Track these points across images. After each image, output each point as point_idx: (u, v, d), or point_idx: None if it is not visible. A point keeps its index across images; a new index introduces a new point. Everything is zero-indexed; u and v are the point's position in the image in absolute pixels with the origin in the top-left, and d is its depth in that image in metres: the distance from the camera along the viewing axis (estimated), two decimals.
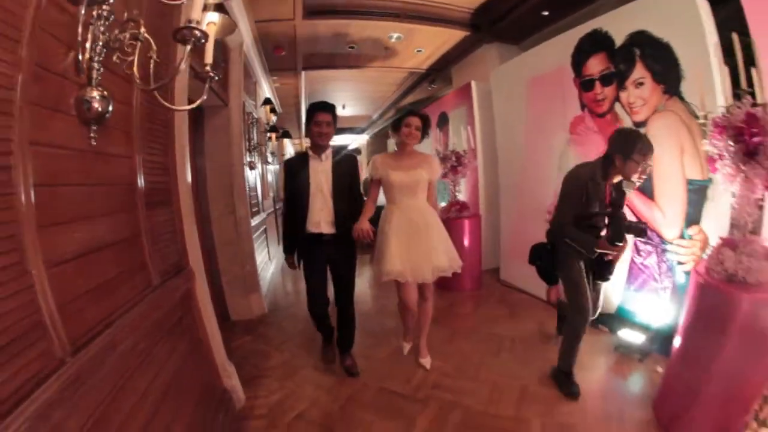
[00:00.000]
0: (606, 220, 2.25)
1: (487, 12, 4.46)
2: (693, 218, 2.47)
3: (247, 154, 3.89)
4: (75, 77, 1.09)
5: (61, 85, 1.05)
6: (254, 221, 4.01)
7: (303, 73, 5.84)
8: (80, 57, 1.07)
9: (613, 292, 3.03)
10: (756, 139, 1.55)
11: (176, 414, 1.48)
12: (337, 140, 9.96)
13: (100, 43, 1.09)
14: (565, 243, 2.25)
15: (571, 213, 2.21)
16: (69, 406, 0.92)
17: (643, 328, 2.69)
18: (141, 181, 1.46)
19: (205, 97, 1.26)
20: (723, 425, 1.79)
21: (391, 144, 10.74)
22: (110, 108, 1.16)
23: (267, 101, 4.94)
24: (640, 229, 2.19)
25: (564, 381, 2.33)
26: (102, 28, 1.09)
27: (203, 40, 1.04)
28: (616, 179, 2.15)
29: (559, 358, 2.41)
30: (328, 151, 2.55)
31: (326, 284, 2.61)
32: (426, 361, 2.70)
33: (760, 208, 1.85)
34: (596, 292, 2.39)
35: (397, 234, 2.45)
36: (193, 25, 1.02)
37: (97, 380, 1.03)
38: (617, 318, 2.97)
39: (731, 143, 1.62)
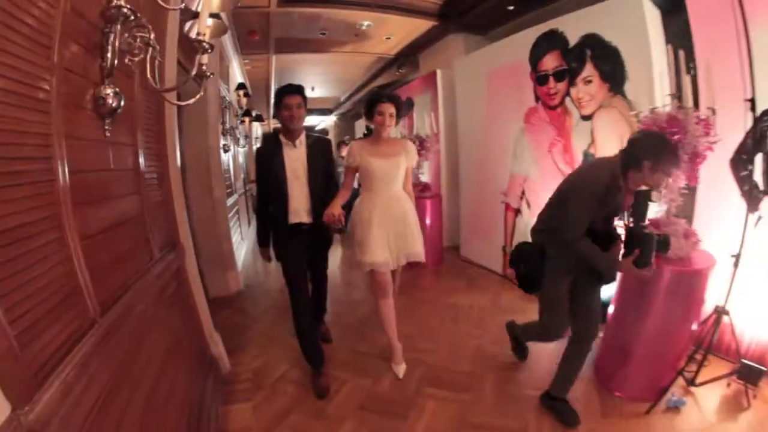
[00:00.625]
0: (621, 235, 1.99)
1: (455, 4, 4.66)
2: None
3: (222, 137, 4.00)
4: (92, 77, 1.24)
5: (81, 84, 1.20)
6: (229, 201, 4.15)
7: (274, 56, 5.91)
8: (101, 60, 1.22)
9: None
10: (676, 137, 1.87)
11: (177, 372, 1.68)
12: (305, 121, 9.93)
13: (116, 48, 1.24)
14: (560, 253, 2.02)
15: (585, 222, 1.86)
16: (101, 359, 1.09)
17: None
18: (143, 166, 1.62)
19: (202, 94, 1.44)
20: (652, 380, 2.17)
21: (360, 125, 10.89)
22: (122, 103, 1.32)
23: (241, 86, 5.01)
24: (666, 243, 1.98)
25: (560, 408, 2.12)
26: (117, 34, 1.24)
27: (210, 51, 1.21)
28: (641, 187, 1.88)
29: (553, 382, 2.18)
30: (302, 136, 2.40)
31: (307, 275, 2.50)
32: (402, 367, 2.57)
33: (682, 194, 2.19)
34: (597, 299, 2.10)
35: (379, 223, 2.38)
36: (202, 38, 1.20)
37: (120, 338, 1.21)
38: None
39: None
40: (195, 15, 1.35)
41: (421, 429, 2.05)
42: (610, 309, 2.41)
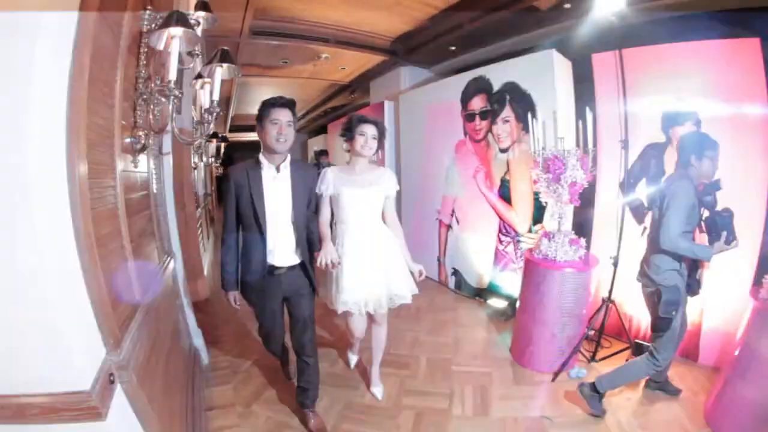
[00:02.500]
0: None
1: (404, 41, 5.28)
2: (537, 219, 3.50)
3: (193, 156, 4.37)
4: (129, 123, 1.67)
5: (126, 129, 1.63)
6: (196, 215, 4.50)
7: (237, 78, 6.32)
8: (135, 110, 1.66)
9: (486, 271, 4.05)
10: (557, 171, 2.53)
11: (178, 354, 2.10)
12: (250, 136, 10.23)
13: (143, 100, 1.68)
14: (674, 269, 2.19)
15: (681, 226, 2.09)
16: (145, 329, 1.51)
17: (506, 296, 3.71)
18: (153, 188, 2.05)
19: (210, 130, 1.91)
20: (554, 356, 2.78)
21: (316, 142, 11.29)
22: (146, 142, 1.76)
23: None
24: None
25: (596, 400, 2.36)
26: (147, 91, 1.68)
27: (218, 113, 1.69)
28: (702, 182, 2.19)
29: (605, 377, 2.37)
30: (287, 161, 2.03)
31: (283, 324, 2.25)
32: (378, 390, 2.57)
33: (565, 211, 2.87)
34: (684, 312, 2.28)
35: (353, 259, 2.20)
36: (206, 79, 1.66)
37: (151, 318, 1.63)
38: (488, 291, 4.00)
39: (542, 173, 2.60)
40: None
41: (370, 395, 2.56)
42: (518, 302, 3.06)
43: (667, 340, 2.24)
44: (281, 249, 2.05)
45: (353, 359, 2.87)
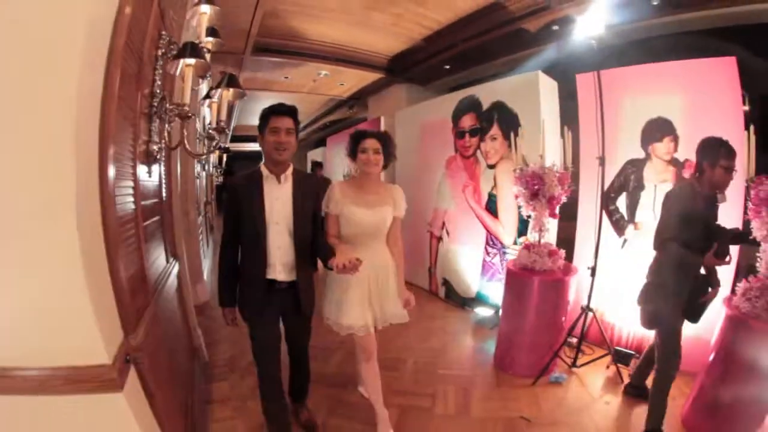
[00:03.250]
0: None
1: (401, 60, 5.56)
2: (522, 231, 3.68)
3: (196, 165, 4.57)
4: (145, 135, 1.85)
5: (145, 141, 1.81)
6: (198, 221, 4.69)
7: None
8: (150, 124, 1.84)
9: (474, 281, 4.22)
10: (536, 187, 2.72)
11: (181, 350, 2.26)
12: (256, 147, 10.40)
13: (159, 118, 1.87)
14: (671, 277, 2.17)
15: (668, 231, 2.11)
16: (155, 322, 1.68)
17: (493, 306, 3.88)
18: (163, 195, 2.23)
19: (220, 146, 2.10)
20: (535, 361, 2.91)
21: (314, 154, 11.52)
22: (159, 155, 1.94)
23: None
24: (745, 236, 2.20)
25: None
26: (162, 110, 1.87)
27: (223, 134, 1.87)
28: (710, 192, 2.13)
29: (649, 414, 2.29)
30: (289, 171, 1.98)
31: (280, 346, 2.08)
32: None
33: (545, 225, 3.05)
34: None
35: (360, 282, 2.09)
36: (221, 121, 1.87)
37: (160, 312, 1.80)
38: (476, 300, 4.17)
39: (523, 189, 2.79)
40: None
41: (358, 394, 2.71)
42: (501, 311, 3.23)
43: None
44: (282, 264, 1.97)
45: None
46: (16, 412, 1.15)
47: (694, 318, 2.22)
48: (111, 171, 1.19)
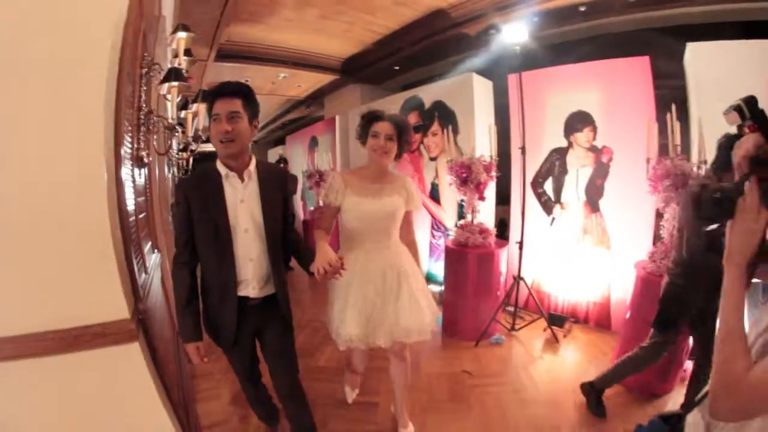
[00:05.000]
0: None
1: (354, 62, 5.97)
2: (461, 215, 4.16)
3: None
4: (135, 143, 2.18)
5: (137, 148, 2.13)
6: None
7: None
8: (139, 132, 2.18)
9: (423, 262, 4.69)
10: (464, 175, 3.21)
11: (170, 330, 2.60)
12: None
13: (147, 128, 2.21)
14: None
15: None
16: (153, 296, 2.03)
17: (440, 283, 4.36)
18: (149, 195, 2.55)
19: (196, 150, 2.44)
20: (476, 327, 3.38)
21: (273, 154, 11.73)
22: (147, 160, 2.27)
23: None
24: None
25: (595, 400, 2.42)
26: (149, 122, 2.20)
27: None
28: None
29: (605, 375, 2.41)
30: (252, 166, 1.63)
31: (258, 369, 1.89)
32: (409, 430, 2.22)
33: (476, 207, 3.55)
34: None
35: (361, 284, 1.83)
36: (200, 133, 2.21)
37: (155, 291, 2.14)
38: (426, 279, 4.60)
39: (454, 177, 3.27)
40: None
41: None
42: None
43: None
44: (256, 279, 1.66)
45: (351, 394, 2.53)
46: (49, 372, 1.48)
47: None
48: (123, 172, 1.55)
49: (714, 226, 0.89)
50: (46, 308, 1.45)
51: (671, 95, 3.12)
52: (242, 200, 1.62)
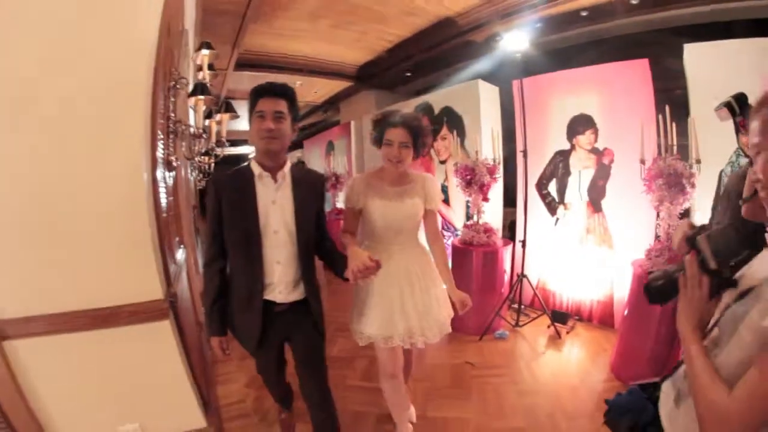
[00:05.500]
0: None
1: (367, 69, 6.21)
2: (469, 216, 4.34)
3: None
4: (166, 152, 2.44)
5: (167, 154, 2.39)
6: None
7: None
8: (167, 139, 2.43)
9: None
10: (468, 177, 3.39)
11: (193, 319, 2.85)
12: (237, 150, 10.90)
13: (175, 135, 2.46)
14: None
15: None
16: (180, 285, 2.28)
17: None
18: (183, 196, 2.81)
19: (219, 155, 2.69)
20: (480, 323, 3.55)
21: (292, 157, 12.06)
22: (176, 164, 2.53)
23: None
24: None
25: None
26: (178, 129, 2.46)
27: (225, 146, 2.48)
28: None
29: None
30: (286, 167, 1.65)
31: (284, 373, 1.92)
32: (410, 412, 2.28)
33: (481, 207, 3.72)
34: None
35: (384, 285, 1.83)
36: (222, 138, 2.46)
37: (182, 281, 2.40)
38: None
39: (460, 179, 3.45)
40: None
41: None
42: None
43: None
44: (284, 282, 1.64)
45: (405, 416, 2.22)
46: (91, 345, 1.76)
47: None
48: (158, 173, 1.80)
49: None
50: (91, 289, 1.71)
51: (671, 96, 3.20)
52: (274, 201, 1.61)
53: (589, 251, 3.82)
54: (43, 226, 1.62)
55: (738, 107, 1.24)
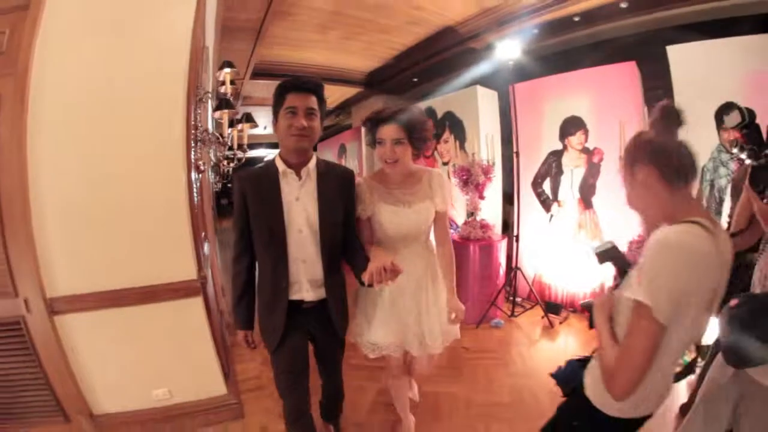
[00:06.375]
0: None
1: (376, 75, 6.54)
2: (469, 213, 4.64)
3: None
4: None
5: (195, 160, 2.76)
6: None
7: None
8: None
9: None
10: (464, 177, 3.69)
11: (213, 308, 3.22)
12: (254, 153, 11.19)
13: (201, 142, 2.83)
14: None
15: None
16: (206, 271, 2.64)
17: None
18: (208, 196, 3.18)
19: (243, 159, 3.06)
20: (477, 312, 3.83)
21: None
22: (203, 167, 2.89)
23: None
24: None
25: None
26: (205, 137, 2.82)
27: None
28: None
29: None
30: (312, 163, 1.58)
31: (308, 376, 1.73)
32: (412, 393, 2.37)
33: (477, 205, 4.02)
34: None
35: (392, 292, 1.74)
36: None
37: (208, 268, 2.76)
38: None
39: (457, 179, 3.76)
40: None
41: None
42: None
43: None
44: (308, 281, 1.61)
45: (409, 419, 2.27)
46: (133, 319, 2.13)
47: None
48: (192, 175, 2.16)
49: None
50: (138, 270, 2.09)
51: (657, 96, 3.41)
52: (297, 198, 1.56)
53: (582, 246, 4.05)
54: (99, 218, 2.02)
55: (748, 117, 1.40)
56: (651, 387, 1.08)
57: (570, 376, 1.37)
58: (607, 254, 1.29)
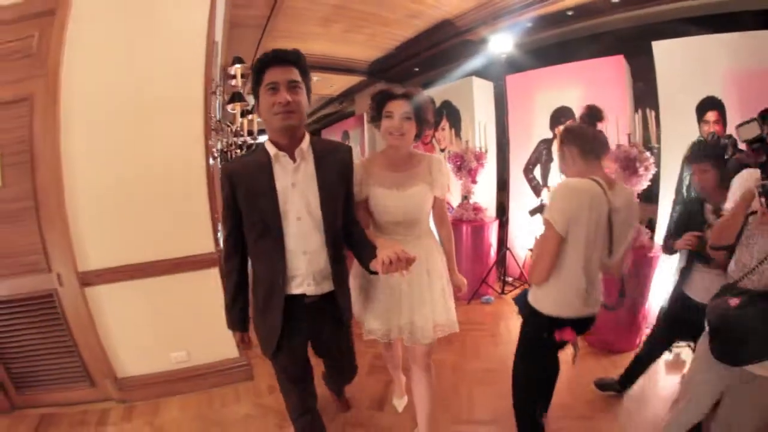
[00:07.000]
0: None
1: (378, 65, 6.75)
2: (463, 196, 4.91)
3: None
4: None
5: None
6: None
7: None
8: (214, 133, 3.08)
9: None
10: (458, 163, 3.96)
11: None
12: (263, 138, 11.48)
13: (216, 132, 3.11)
14: None
15: None
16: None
17: None
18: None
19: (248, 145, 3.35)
20: (469, 290, 4.10)
21: None
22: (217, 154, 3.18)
23: None
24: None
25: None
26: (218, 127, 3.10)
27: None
28: None
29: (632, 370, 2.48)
30: (306, 143, 1.42)
31: (312, 376, 1.69)
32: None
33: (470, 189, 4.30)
34: None
35: (388, 278, 1.66)
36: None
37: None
38: None
39: (452, 164, 4.03)
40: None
41: None
42: None
43: None
44: (311, 273, 1.46)
45: (400, 403, 2.39)
46: (158, 288, 2.42)
47: None
48: (210, 161, 2.45)
49: None
50: (167, 243, 2.39)
51: (643, 89, 3.61)
52: (294, 184, 1.40)
53: None
54: (127, 200, 2.32)
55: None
56: (566, 292, 1.59)
57: (523, 297, 1.77)
58: (535, 211, 2.12)
